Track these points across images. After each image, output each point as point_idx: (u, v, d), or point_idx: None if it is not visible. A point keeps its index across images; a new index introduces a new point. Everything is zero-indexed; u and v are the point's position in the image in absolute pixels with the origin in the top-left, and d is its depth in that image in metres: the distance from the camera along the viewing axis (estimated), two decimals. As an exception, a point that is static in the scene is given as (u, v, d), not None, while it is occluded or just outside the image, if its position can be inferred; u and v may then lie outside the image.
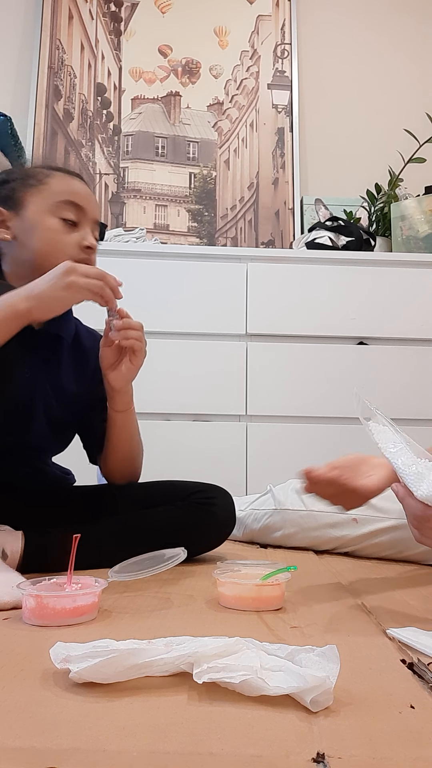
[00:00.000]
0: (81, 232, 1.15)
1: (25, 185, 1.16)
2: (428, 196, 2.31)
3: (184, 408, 2.02)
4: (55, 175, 1.17)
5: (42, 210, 1.14)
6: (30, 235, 1.13)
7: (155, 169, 2.60)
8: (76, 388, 1.25)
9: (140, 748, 0.47)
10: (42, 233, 1.13)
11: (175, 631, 0.71)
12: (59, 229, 1.13)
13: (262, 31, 2.72)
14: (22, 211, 1.14)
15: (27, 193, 1.15)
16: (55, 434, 1.26)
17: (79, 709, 0.54)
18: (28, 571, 1.00)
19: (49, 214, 1.14)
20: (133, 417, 1.25)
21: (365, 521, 1.32)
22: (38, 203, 1.14)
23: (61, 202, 1.14)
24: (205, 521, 1.24)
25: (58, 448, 1.32)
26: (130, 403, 1.23)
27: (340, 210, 2.46)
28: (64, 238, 1.13)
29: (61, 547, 0.88)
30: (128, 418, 1.23)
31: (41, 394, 1.19)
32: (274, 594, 0.90)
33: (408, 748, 0.48)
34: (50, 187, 1.15)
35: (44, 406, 1.19)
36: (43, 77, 2.56)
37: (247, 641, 0.63)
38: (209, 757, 0.46)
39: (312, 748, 0.47)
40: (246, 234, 2.59)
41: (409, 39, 2.75)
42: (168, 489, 1.28)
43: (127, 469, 1.28)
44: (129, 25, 2.68)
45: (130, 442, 1.26)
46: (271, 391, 2.04)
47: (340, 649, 0.60)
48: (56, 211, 1.14)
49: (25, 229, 1.14)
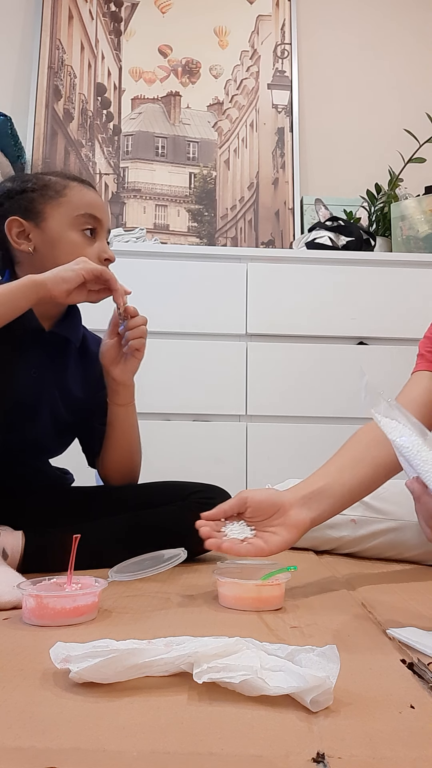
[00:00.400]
0: (99, 243, 1.18)
1: (45, 197, 1.16)
2: (428, 196, 2.31)
3: (184, 408, 2.02)
4: (73, 187, 1.18)
5: (64, 223, 1.15)
6: (52, 248, 1.15)
7: (155, 169, 2.61)
8: (82, 393, 1.26)
9: (140, 748, 0.47)
10: (65, 247, 1.14)
11: (175, 631, 0.71)
12: (82, 243, 1.16)
13: (262, 31, 2.72)
14: (42, 223, 1.15)
15: (47, 206, 1.16)
16: (59, 435, 1.26)
17: (79, 709, 0.54)
18: (28, 571, 1.00)
19: (70, 227, 1.15)
20: (134, 411, 1.26)
21: (364, 522, 1.32)
22: (59, 216, 1.15)
23: (81, 216, 1.16)
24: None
25: (59, 449, 1.32)
26: (132, 396, 1.24)
27: (340, 210, 2.46)
28: (86, 252, 1.15)
29: (61, 547, 0.88)
30: (129, 411, 1.25)
31: (47, 394, 1.20)
32: (274, 594, 0.90)
33: (408, 748, 0.48)
34: (70, 199, 1.16)
35: (50, 407, 1.20)
36: (43, 77, 2.56)
37: (247, 641, 0.63)
38: (209, 757, 0.46)
39: (312, 748, 0.47)
40: (246, 234, 2.59)
41: (409, 39, 2.75)
42: (167, 489, 1.28)
43: (126, 468, 1.29)
44: (129, 25, 2.68)
45: (130, 438, 1.27)
46: (271, 391, 2.04)
47: (340, 649, 0.60)
48: (77, 225, 1.16)
49: (47, 242, 1.15)
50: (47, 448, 1.29)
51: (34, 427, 1.19)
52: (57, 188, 1.17)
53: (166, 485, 1.30)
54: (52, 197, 1.16)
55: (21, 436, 1.18)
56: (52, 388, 1.21)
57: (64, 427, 1.26)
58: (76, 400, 1.25)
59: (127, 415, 1.25)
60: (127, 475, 1.29)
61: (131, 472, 1.30)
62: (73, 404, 1.24)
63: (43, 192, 1.17)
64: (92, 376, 1.27)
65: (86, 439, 1.33)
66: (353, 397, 2.00)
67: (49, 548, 1.04)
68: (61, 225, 1.15)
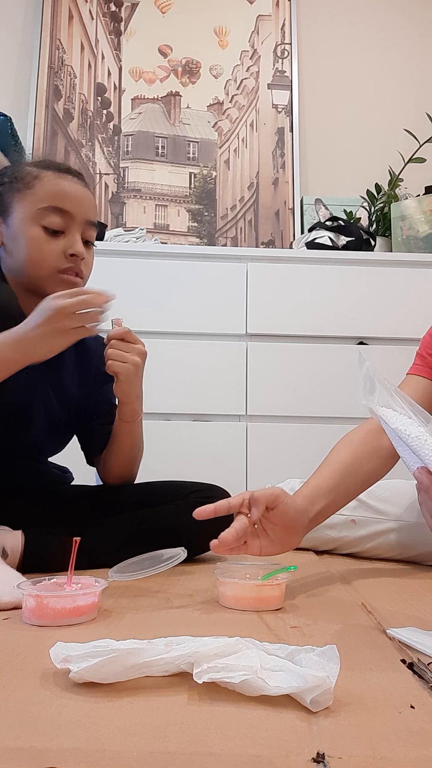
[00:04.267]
0: (68, 238, 1.11)
1: (13, 189, 1.13)
2: (428, 196, 2.31)
3: (184, 408, 2.02)
4: (44, 177, 1.12)
5: (25, 218, 1.10)
6: (15, 243, 1.11)
7: (155, 169, 2.60)
8: (78, 390, 1.25)
9: (140, 748, 0.47)
10: (25, 243, 1.10)
11: (175, 631, 0.70)
12: (41, 237, 1.10)
13: (262, 31, 2.72)
14: (8, 218, 1.12)
15: (14, 199, 1.12)
16: (55, 435, 1.26)
17: (79, 709, 0.54)
18: (28, 571, 1.00)
19: (31, 222, 1.10)
20: (138, 428, 1.23)
21: (364, 523, 1.32)
22: (22, 210, 1.11)
23: (44, 209, 1.10)
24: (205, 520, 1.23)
25: (57, 448, 1.32)
26: (135, 415, 1.19)
27: (340, 210, 2.46)
28: (47, 247, 1.10)
29: (61, 547, 0.88)
30: (133, 428, 1.21)
31: (42, 395, 1.19)
32: (274, 594, 0.90)
33: (408, 748, 0.48)
34: (35, 192, 1.11)
35: (44, 408, 1.19)
36: (43, 77, 2.56)
37: (247, 641, 0.63)
38: (209, 757, 0.46)
39: (312, 748, 0.47)
40: (246, 234, 2.59)
41: (408, 39, 2.75)
42: (167, 488, 1.28)
43: (124, 472, 1.28)
44: (129, 25, 2.68)
45: (131, 450, 1.25)
46: (271, 391, 2.04)
47: (340, 649, 0.60)
48: (39, 219, 1.10)
49: (11, 237, 1.12)
50: (44, 447, 1.28)
51: (30, 428, 1.18)
52: (27, 180, 1.12)
53: (166, 484, 1.30)
54: (19, 190, 1.12)
55: (16, 437, 1.17)
56: (46, 387, 1.19)
57: (60, 426, 1.25)
58: (73, 399, 1.24)
59: (130, 432, 1.21)
60: (125, 477, 1.29)
61: (128, 475, 1.29)
62: (69, 403, 1.23)
63: (13, 184, 1.13)
64: (90, 372, 1.26)
65: (85, 438, 1.33)
66: (353, 397, 2.00)
67: (49, 548, 1.04)
68: (22, 219, 1.11)
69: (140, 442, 1.27)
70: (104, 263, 2.12)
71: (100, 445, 1.27)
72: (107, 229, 2.29)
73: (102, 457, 1.28)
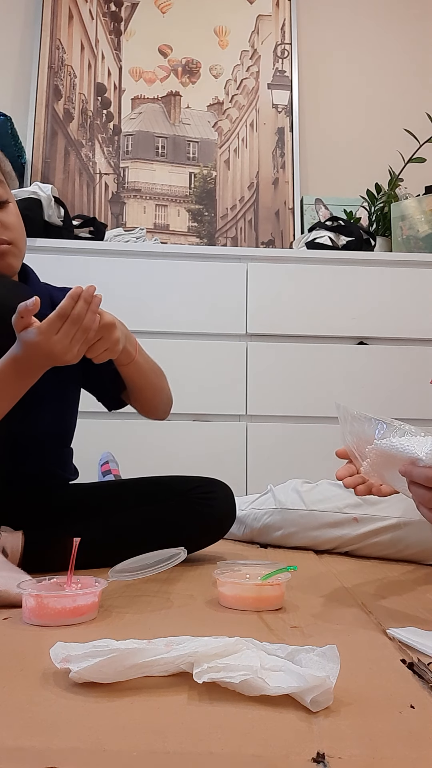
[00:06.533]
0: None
1: None
2: (428, 196, 2.31)
3: (184, 408, 2.02)
4: None
5: None
6: None
7: (155, 169, 2.60)
8: None
9: (140, 748, 0.47)
10: None
11: (175, 631, 0.70)
12: None
13: (262, 31, 2.72)
14: None
15: None
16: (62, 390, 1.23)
17: (79, 709, 0.54)
18: (28, 570, 1.00)
19: None
20: (143, 365, 1.18)
21: (365, 520, 1.32)
22: None
23: None
24: (206, 514, 1.24)
25: (61, 437, 1.29)
26: (129, 357, 1.14)
27: (340, 210, 2.46)
28: None
29: (61, 546, 0.88)
30: (136, 368, 1.17)
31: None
32: (274, 594, 0.90)
33: (408, 748, 0.48)
34: None
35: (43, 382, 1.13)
36: (43, 77, 2.56)
37: (247, 641, 0.63)
38: (209, 757, 0.46)
39: (312, 748, 0.47)
40: (246, 234, 2.59)
41: (409, 39, 2.75)
42: (168, 484, 1.28)
43: (156, 404, 1.27)
44: (129, 25, 2.68)
45: (148, 385, 1.23)
46: (271, 391, 2.04)
47: (340, 649, 0.60)
48: None
49: None
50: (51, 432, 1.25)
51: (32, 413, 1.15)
52: None
53: (167, 480, 1.30)
54: None
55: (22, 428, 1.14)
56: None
57: (66, 380, 1.22)
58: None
59: (136, 371, 1.17)
60: (161, 408, 1.28)
61: (163, 405, 1.29)
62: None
63: None
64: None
65: (95, 386, 1.31)
66: (353, 397, 2.00)
67: (49, 548, 1.04)
68: None
69: (152, 372, 1.23)
70: (104, 263, 2.13)
71: (115, 388, 1.25)
72: (107, 229, 2.29)
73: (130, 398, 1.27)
